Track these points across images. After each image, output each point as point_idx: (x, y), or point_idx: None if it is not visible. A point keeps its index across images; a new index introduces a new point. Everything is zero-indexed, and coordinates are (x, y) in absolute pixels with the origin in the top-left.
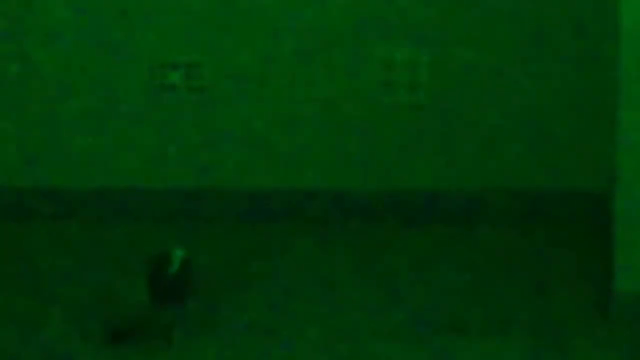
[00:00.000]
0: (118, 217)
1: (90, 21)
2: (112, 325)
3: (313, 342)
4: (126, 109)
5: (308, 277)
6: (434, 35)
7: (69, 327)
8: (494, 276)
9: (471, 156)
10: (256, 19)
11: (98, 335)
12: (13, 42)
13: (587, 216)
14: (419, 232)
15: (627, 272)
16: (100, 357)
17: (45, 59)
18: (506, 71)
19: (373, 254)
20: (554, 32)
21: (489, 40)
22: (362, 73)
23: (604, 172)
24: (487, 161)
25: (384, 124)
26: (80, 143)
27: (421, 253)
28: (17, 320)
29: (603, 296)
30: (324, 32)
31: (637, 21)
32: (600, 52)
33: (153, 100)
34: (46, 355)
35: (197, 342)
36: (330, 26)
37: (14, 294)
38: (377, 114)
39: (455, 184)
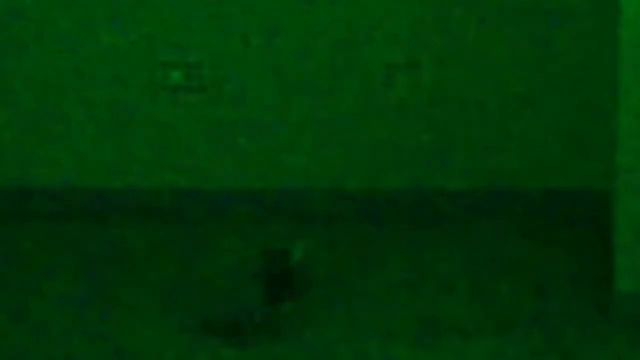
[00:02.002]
0: (118, 217)
1: (90, 21)
2: (226, 319)
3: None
4: (126, 109)
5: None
6: (435, 36)
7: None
8: (494, 276)
9: (471, 156)
10: (257, 20)
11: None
12: (12, 42)
13: (587, 216)
14: (418, 231)
15: (627, 271)
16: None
17: (45, 59)
18: (507, 72)
19: (373, 254)
20: (555, 33)
21: (488, 40)
22: (363, 74)
23: (604, 172)
24: (487, 161)
25: (385, 124)
26: (80, 143)
27: (421, 253)
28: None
29: (603, 296)
30: (325, 32)
31: (637, 23)
32: (601, 52)
33: (153, 100)
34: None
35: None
36: (331, 26)
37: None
38: (378, 113)
39: (456, 184)
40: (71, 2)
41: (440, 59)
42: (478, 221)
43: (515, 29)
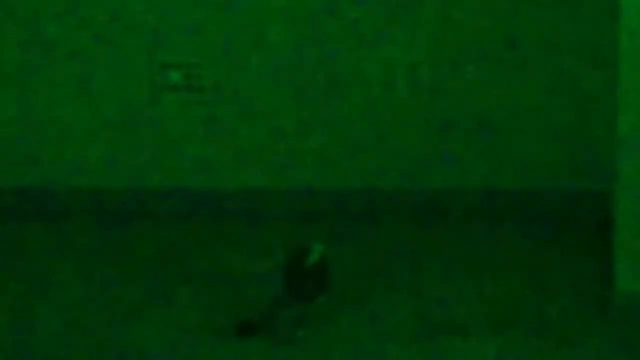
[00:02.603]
0: (117, 218)
1: (90, 21)
2: (240, 318)
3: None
4: (126, 109)
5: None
6: (433, 36)
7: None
8: (494, 276)
9: (471, 156)
10: (257, 19)
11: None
12: (12, 42)
13: (587, 216)
14: (418, 231)
15: (627, 271)
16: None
17: (46, 59)
18: (506, 72)
19: (372, 254)
20: (554, 30)
21: (489, 40)
22: (364, 74)
23: (605, 172)
24: (487, 161)
25: (384, 123)
26: (80, 143)
27: (421, 252)
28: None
29: (603, 296)
30: (325, 33)
31: (637, 24)
32: (603, 52)
33: (153, 100)
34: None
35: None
36: (331, 25)
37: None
38: (378, 113)
39: (455, 183)
40: (71, 2)
41: (440, 59)
42: (478, 221)
43: (516, 28)
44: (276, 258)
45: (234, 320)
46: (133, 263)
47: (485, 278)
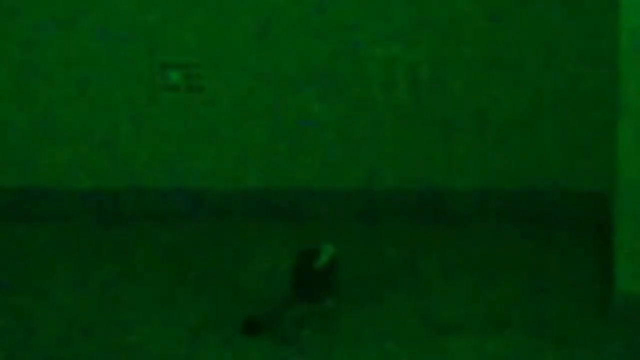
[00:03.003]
0: (117, 218)
1: (90, 21)
2: (245, 316)
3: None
4: (126, 109)
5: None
6: (433, 34)
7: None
8: (494, 276)
9: (471, 156)
10: (257, 20)
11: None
12: (15, 43)
13: (587, 216)
14: (418, 231)
15: (627, 272)
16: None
17: (46, 59)
18: (506, 72)
19: (371, 254)
20: (555, 31)
21: (489, 40)
22: (363, 73)
23: (604, 173)
24: (487, 161)
25: (384, 124)
26: (80, 143)
27: (421, 252)
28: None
29: (603, 296)
30: (325, 32)
31: (637, 23)
32: (601, 52)
33: (153, 100)
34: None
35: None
36: (332, 26)
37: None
38: (378, 114)
39: (455, 184)
40: (71, 2)
41: (440, 59)
42: (478, 221)
43: (517, 29)
44: (276, 258)
45: (242, 317)
46: (133, 263)
47: (485, 278)
